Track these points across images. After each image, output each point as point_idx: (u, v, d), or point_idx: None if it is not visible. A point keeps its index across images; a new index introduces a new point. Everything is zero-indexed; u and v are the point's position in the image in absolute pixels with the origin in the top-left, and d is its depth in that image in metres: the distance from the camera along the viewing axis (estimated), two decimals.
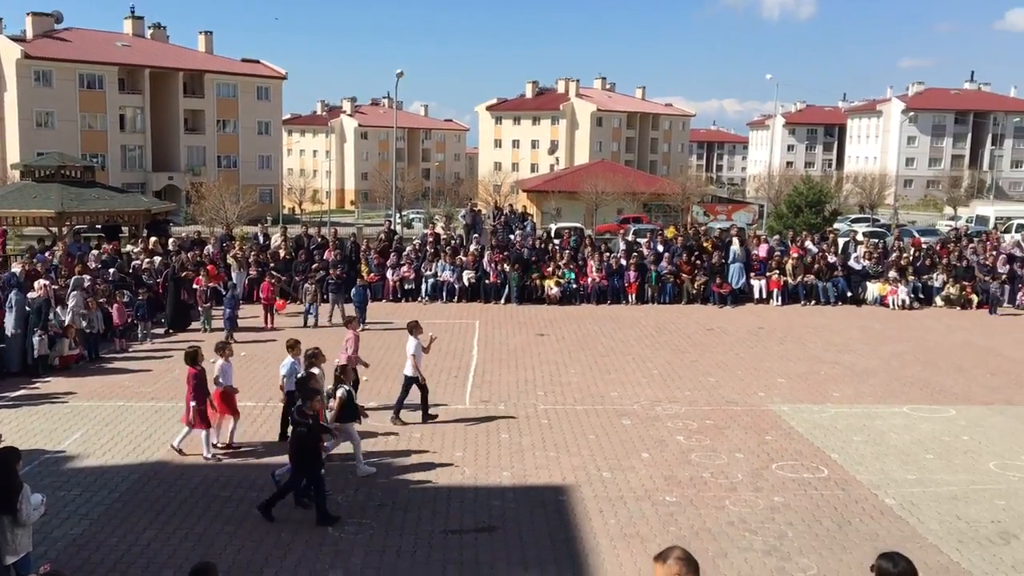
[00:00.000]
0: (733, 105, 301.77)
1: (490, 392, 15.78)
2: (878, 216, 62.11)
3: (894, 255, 27.52)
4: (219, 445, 12.48)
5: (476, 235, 29.72)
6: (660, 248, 27.63)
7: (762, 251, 27.48)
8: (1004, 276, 25.95)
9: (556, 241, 29.99)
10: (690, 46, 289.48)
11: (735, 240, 27.49)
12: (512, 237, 28.81)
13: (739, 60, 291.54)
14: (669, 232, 30.94)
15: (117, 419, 13.97)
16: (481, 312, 24.27)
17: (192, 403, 11.89)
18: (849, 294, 26.30)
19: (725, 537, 9.68)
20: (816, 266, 26.63)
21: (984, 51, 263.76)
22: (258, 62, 77.52)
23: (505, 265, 26.21)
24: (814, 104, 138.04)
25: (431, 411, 13.87)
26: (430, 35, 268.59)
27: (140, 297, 20.52)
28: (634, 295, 26.04)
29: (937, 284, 26.41)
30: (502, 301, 25.77)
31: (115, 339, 19.37)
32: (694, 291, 26.19)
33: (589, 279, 26.36)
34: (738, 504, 10.63)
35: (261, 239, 28.34)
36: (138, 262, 23.50)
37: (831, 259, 27.00)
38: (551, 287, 25.90)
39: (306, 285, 22.71)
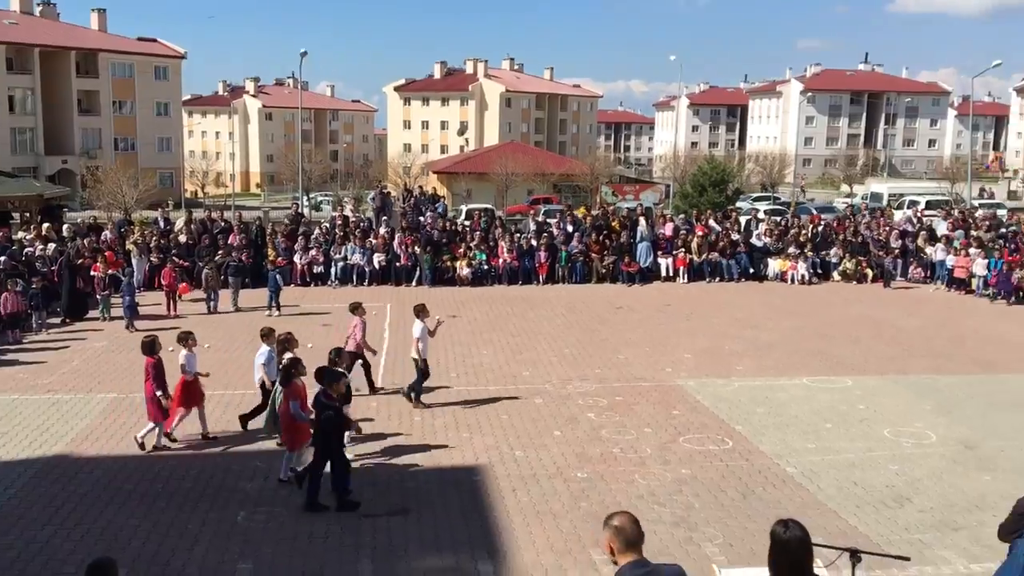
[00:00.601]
0: (639, 86, 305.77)
1: (402, 375, 15.69)
2: (779, 195, 63.91)
3: (793, 232, 28.42)
4: (205, 434, 12.13)
5: (386, 217, 29.46)
6: (570, 228, 27.90)
7: (668, 230, 28.02)
8: (897, 251, 27.07)
9: (467, 222, 29.97)
10: (596, 27, 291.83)
11: (642, 220, 27.97)
12: (423, 219, 28.66)
13: (645, 41, 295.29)
14: (579, 212, 31.27)
15: (11, 413, 13.38)
16: (392, 295, 24.11)
17: (157, 393, 11.45)
18: (751, 270, 27.08)
19: (635, 511, 9.68)
20: (720, 244, 27.30)
21: (877, 33, 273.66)
22: (155, 41, 74.84)
23: (416, 247, 26.08)
24: (717, 85, 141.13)
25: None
26: (336, 14, 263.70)
27: (34, 286, 19.67)
28: (545, 275, 26.26)
29: (834, 259, 27.41)
30: (413, 283, 25.65)
31: (8, 330, 18.54)
32: (603, 270, 26.56)
33: (500, 260, 26.45)
34: (647, 478, 10.86)
35: (162, 224, 27.50)
36: (31, 249, 22.50)
37: (734, 237, 27.72)
38: (462, 268, 25.89)
39: (206, 271, 22.17)
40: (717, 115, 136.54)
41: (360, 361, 13.98)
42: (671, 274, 26.83)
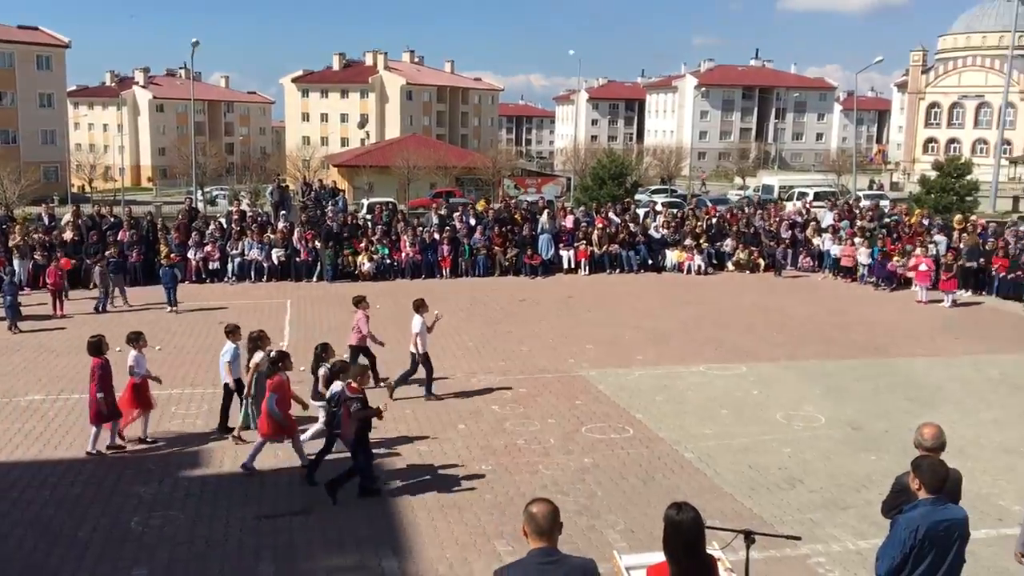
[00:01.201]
0: (540, 80, 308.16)
1: (303, 373, 15.42)
2: (675, 187, 65.36)
3: (689, 224, 29.13)
4: (144, 438, 11.68)
5: (284, 212, 28.87)
6: (472, 222, 27.92)
7: (569, 222, 28.33)
8: (787, 241, 28.03)
9: (368, 216, 29.66)
10: (496, 21, 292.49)
11: (544, 212, 28.20)
12: (323, 213, 28.21)
13: (544, 35, 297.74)
14: (480, 205, 31.31)
15: None
16: (292, 291, 23.67)
17: (99, 395, 10.97)
18: (650, 262, 27.64)
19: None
20: (620, 236, 27.76)
21: (767, 30, 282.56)
22: (37, 29, 71.46)
23: (316, 242, 25.66)
24: (616, 80, 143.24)
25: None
26: (229, 2, 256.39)
27: None
28: (448, 269, 26.22)
29: (728, 250, 28.21)
30: (314, 279, 25.24)
31: None
32: (506, 263, 26.68)
33: (403, 254, 26.27)
34: (551, 468, 10.98)
35: (46, 220, 26.29)
36: None
37: (633, 229, 28.23)
38: (364, 263, 25.61)
39: (96, 268, 21.33)
40: (616, 109, 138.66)
41: (362, 353, 13.98)
42: (573, 266, 27.15)
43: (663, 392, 14.33)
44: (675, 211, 32.47)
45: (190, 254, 24.93)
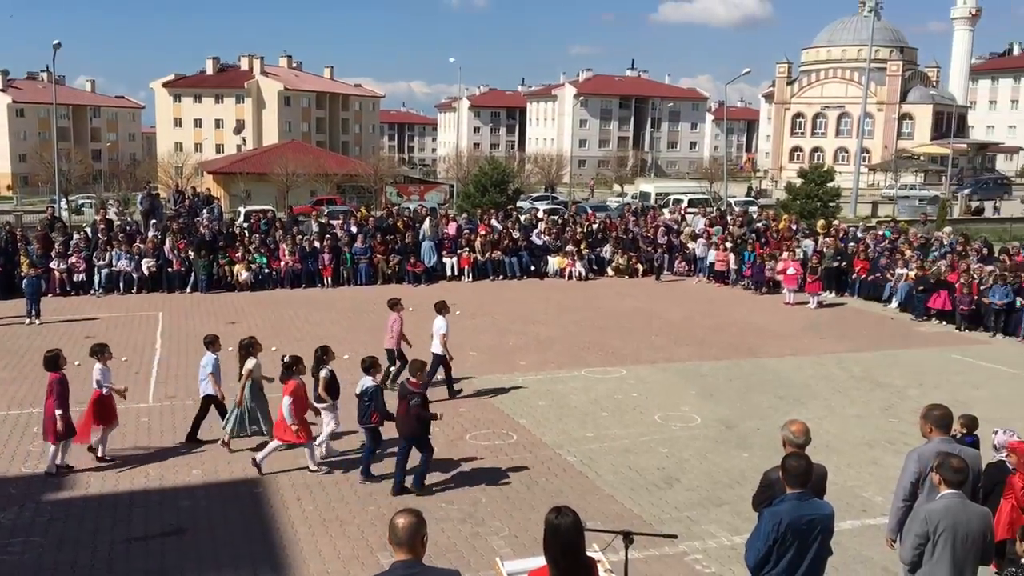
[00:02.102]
0: (421, 87, 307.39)
1: (176, 387, 14.89)
2: (557, 194, 66.28)
3: (570, 230, 29.58)
4: (101, 456, 11.23)
5: (155, 220, 27.78)
6: (354, 229, 27.57)
7: (452, 230, 28.33)
8: (663, 246, 28.82)
9: (245, 224, 28.89)
10: (376, 27, 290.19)
11: (427, 220, 28.11)
12: (197, 221, 27.29)
13: (424, 43, 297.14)
14: (362, 213, 30.96)
15: None
16: (164, 303, 22.80)
17: (58, 412, 10.48)
18: (532, 268, 27.92)
19: (423, 510, 9.86)
20: (503, 243, 27.95)
21: (642, 41, 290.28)
22: None
23: (189, 251, 24.80)
24: (497, 88, 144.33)
25: (456, 387, 14.40)
26: (93, 4, 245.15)
27: None
28: (329, 277, 25.79)
29: (608, 256, 28.79)
30: (187, 290, 24.37)
31: None
32: (389, 271, 26.44)
33: (282, 263, 25.68)
34: (434, 476, 10.91)
35: None
36: None
37: (515, 235, 28.47)
38: (241, 273, 24.91)
39: None
40: (497, 117, 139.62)
41: (397, 355, 14.38)
42: (456, 273, 27.16)
43: (546, 397, 14.47)
44: (556, 218, 32.93)
45: (53, 264, 23.68)
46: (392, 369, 14.50)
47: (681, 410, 13.89)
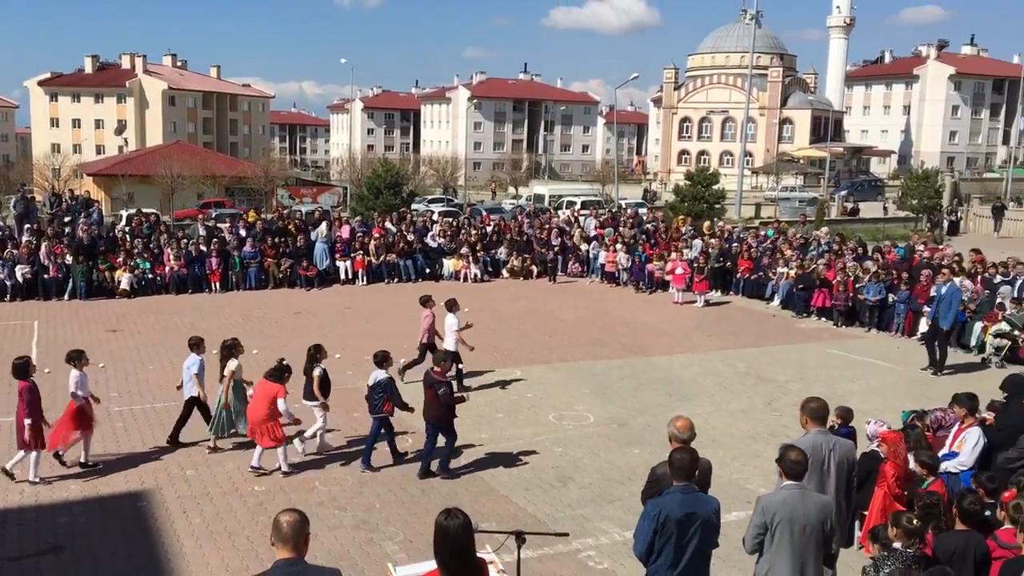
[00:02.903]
0: (313, 88, 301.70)
1: (54, 399, 14.19)
2: (452, 196, 66.23)
3: (465, 233, 29.62)
4: (85, 462, 11.12)
5: (29, 225, 26.49)
6: (243, 232, 26.91)
7: (345, 232, 27.97)
8: (557, 248, 29.17)
9: (127, 228, 27.82)
10: (264, 26, 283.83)
11: (323, 223, 27.66)
12: (75, 225, 26.14)
13: (314, 43, 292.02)
14: (251, 216, 30.27)
15: None
16: (40, 310, 21.76)
17: (27, 421, 10.27)
18: (428, 270, 27.83)
19: (315, 518, 9.66)
20: (399, 246, 27.76)
21: (534, 45, 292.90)
22: None
23: (67, 256, 23.73)
24: (390, 89, 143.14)
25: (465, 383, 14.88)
26: None
27: None
28: (218, 283, 25.09)
29: (503, 258, 28.96)
30: (65, 297, 23.32)
31: None
32: (280, 275, 25.92)
33: (167, 268, 24.86)
34: (328, 483, 10.77)
35: None
36: None
37: (410, 238, 28.32)
38: (122, 279, 23.99)
39: None
40: (391, 119, 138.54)
41: (429, 350, 14.69)
42: (350, 276, 26.83)
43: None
44: (451, 220, 32.91)
45: None
46: (402, 361, 14.97)
47: (575, 409, 14.09)
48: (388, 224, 29.43)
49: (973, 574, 6.50)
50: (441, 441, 11.05)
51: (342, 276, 26.78)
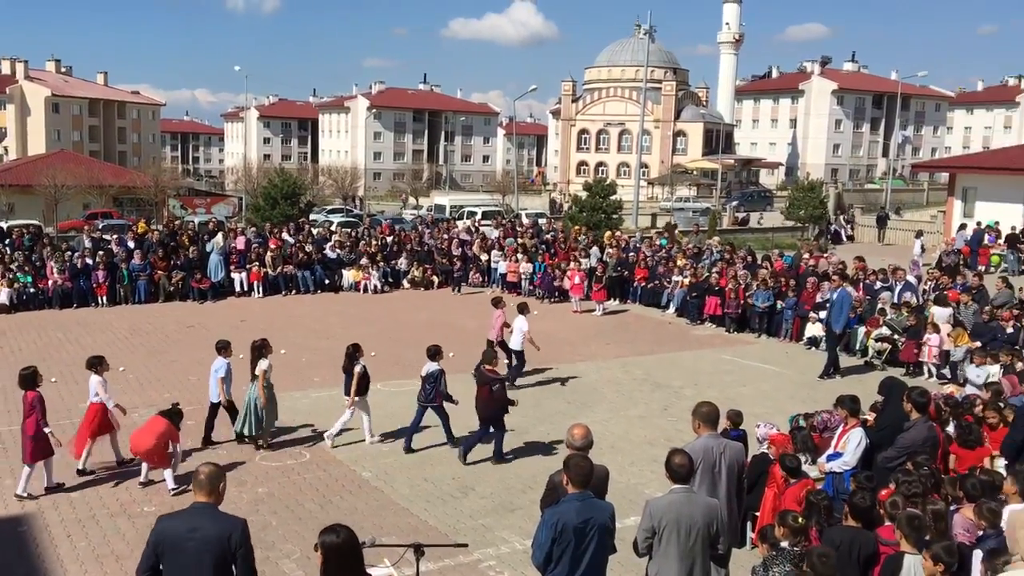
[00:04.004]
0: (206, 95, 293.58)
1: None
2: (351, 207, 65.56)
3: (364, 243, 29.35)
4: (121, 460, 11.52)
5: None
6: (132, 244, 26.00)
7: (240, 243, 27.33)
8: (458, 258, 29.18)
9: (6, 241, 26.55)
10: (153, 31, 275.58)
11: (219, 234, 26.96)
12: None
13: (207, 49, 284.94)
14: (140, 227, 29.29)
15: None
16: None
17: (46, 430, 10.38)
18: (327, 281, 27.44)
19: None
20: (298, 257, 27.28)
21: (434, 56, 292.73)
22: None
23: None
24: (287, 98, 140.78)
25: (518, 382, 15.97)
26: None
27: None
28: (105, 296, 24.16)
29: (404, 268, 28.79)
30: None
31: None
32: (171, 288, 25.13)
33: (50, 281, 23.80)
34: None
35: None
36: None
37: (308, 249, 27.88)
38: (1, 292, 22.84)
39: None
40: (288, 128, 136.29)
41: (499, 347, 15.82)
42: (246, 289, 26.21)
43: (340, 413, 14.21)
44: (349, 231, 32.56)
45: None
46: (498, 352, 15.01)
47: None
48: (285, 235, 28.91)
49: (858, 569, 6.76)
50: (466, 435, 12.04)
51: (237, 288, 26.14)
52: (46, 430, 10.42)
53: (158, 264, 25.34)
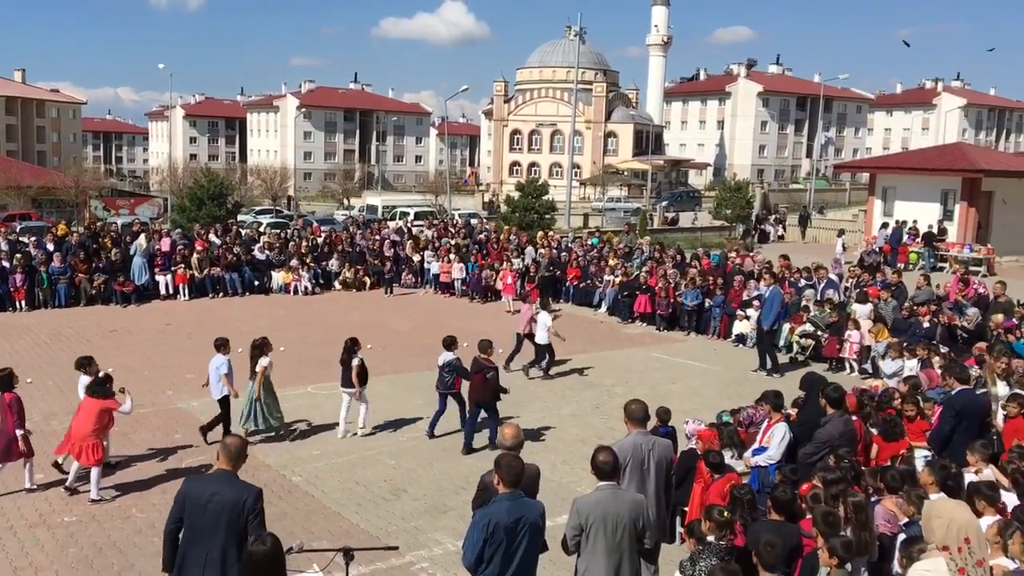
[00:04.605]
0: (129, 94, 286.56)
1: None
2: (281, 207, 64.62)
3: (294, 244, 28.96)
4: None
5: None
6: (51, 247, 25.19)
7: (166, 245, 26.69)
8: (390, 259, 28.97)
9: None
10: (74, 28, 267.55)
11: (142, 236, 26.28)
12: None
13: (130, 46, 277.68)
14: (60, 229, 28.40)
15: None
16: None
17: (18, 432, 10.36)
18: (256, 283, 26.97)
19: (133, 547, 9.25)
20: (227, 258, 26.77)
21: (365, 55, 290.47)
22: None
23: None
24: (214, 97, 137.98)
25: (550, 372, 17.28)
26: None
27: None
28: (23, 301, 23.35)
29: (335, 269, 28.48)
30: None
31: None
32: (93, 291, 24.42)
33: None
34: (146, 510, 10.23)
35: None
36: None
37: (236, 250, 27.38)
38: None
39: None
40: (215, 127, 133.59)
41: (527, 339, 17.32)
42: (171, 291, 25.61)
43: (321, 407, 14.02)
44: (279, 232, 32.09)
45: None
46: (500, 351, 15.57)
47: (408, 421, 14.01)
48: (212, 236, 28.34)
49: (783, 562, 6.90)
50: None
51: (162, 291, 25.53)
52: (18, 432, 10.43)
53: (79, 267, 24.60)
